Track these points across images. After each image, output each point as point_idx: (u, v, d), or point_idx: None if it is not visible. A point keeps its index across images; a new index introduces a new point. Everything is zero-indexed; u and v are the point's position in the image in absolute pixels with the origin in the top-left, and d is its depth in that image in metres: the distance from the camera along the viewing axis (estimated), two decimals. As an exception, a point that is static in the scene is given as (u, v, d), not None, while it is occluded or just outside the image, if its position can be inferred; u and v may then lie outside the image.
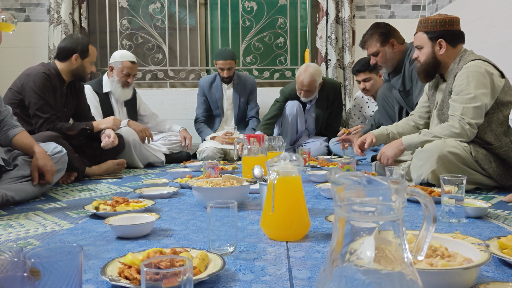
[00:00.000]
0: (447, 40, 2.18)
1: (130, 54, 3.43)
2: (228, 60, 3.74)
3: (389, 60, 2.87)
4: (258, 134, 2.67)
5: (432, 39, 2.20)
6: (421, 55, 2.24)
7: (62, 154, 2.21)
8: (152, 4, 4.47)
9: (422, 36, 2.23)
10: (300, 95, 3.63)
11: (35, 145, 2.05)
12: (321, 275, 0.56)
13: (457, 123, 2.05)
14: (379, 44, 2.85)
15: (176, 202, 1.85)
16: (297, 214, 1.25)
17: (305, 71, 3.53)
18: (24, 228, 1.46)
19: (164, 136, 3.64)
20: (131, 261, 0.94)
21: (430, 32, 2.20)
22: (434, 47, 2.20)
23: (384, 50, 2.85)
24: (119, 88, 3.36)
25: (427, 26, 2.21)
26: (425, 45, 2.22)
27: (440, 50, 2.19)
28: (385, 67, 2.92)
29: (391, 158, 2.24)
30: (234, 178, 1.79)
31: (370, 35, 2.89)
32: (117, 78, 3.35)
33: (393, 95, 3.01)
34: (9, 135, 2.05)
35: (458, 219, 1.43)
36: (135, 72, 3.41)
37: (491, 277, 0.95)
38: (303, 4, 4.55)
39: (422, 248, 0.60)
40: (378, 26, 2.89)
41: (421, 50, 2.24)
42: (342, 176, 0.55)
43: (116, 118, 2.94)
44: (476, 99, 2.03)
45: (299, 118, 3.75)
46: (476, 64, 2.07)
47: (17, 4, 4.33)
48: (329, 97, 3.75)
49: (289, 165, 1.25)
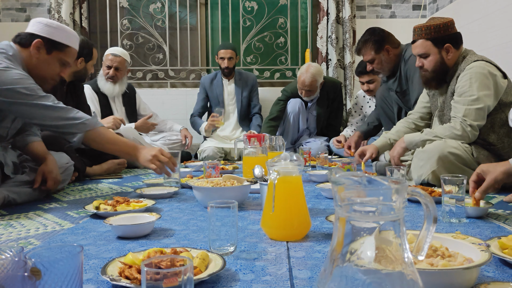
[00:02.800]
0: (453, 43, 2.13)
1: (116, 48, 3.45)
2: (229, 49, 3.78)
3: (386, 66, 2.86)
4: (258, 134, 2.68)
5: (438, 45, 2.13)
6: (428, 63, 2.16)
7: (68, 165, 2.20)
8: (153, 4, 4.47)
9: (425, 43, 2.14)
10: (301, 94, 3.65)
11: (48, 154, 2.02)
12: (322, 275, 0.56)
13: (459, 124, 2.04)
14: (374, 52, 2.82)
15: (177, 202, 1.85)
16: (297, 214, 1.25)
17: (306, 71, 3.54)
18: (24, 227, 1.46)
19: (164, 135, 3.64)
20: (132, 261, 0.94)
21: (434, 39, 2.12)
22: (441, 53, 2.14)
23: (380, 57, 2.83)
24: (103, 82, 3.38)
25: (430, 32, 2.12)
26: (432, 52, 2.14)
27: (448, 54, 2.14)
28: (383, 72, 2.92)
29: (396, 157, 2.23)
30: (235, 178, 1.79)
31: (364, 42, 2.85)
32: (102, 73, 3.39)
33: (391, 96, 3.01)
34: (27, 140, 2.02)
35: (458, 219, 1.43)
36: (118, 65, 3.36)
37: (492, 277, 0.95)
38: (304, 4, 4.55)
39: (422, 248, 0.60)
40: (372, 34, 2.85)
41: (427, 58, 2.16)
42: (342, 176, 0.55)
43: (116, 117, 2.94)
44: (479, 100, 2.01)
45: (301, 116, 3.76)
46: (479, 65, 2.05)
47: (17, 4, 4.34)
48: (330, 95, 3.76)
49: (290, 165, 1.25)
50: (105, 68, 3.36)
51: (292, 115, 3.73)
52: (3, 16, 4.33)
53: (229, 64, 3.79)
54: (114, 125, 2.87)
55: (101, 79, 3.39)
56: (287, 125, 3.78)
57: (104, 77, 3.37)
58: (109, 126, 2.85)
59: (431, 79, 2.20)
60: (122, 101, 3.52)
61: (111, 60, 3.34)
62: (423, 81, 2.25)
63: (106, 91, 3.38)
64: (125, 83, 3.47)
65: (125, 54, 3.42)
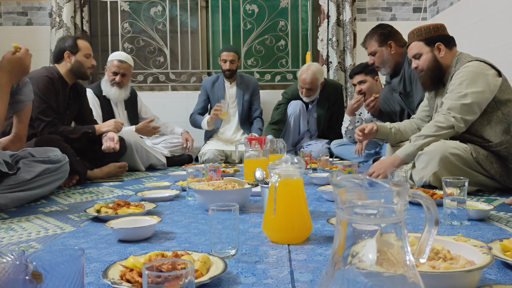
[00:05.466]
0: (444, 43, 2.20)
1: (121, 54, 3.43)
2: (231, 52, 3.80)
3: (386, 62, 2.90)
4: (259, 137, 2.67)
5: (430, 44, 2.21)
6: (422, 62, 2.24)
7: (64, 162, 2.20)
8: (154, 7, 4.49)
9: (418, 44, 2.24)
10: (302, 94, 3.65)
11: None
12: (323, 278, 0.56)
13: (442, 117, 2.08)
14: (377, 44, 2.90)
15: (178, 205, 1.85)
16: (298, 216, 1.25)
17: (307, 69, 3.57)
18: (26, 231, 1.46)
19: (165, 138, 3.64)
20: (133, 264, 0.94)
21: (426, 39, 2.21)
22: (433, 51, 2.21)
23: (382, 50, 2.89)
24: (109, 87, 3.37)
25: (421, 34, 2.23)
26: (424, 52, 2.22)
27: (440, 53, 2.20)
28: (383, 68, 2.94)
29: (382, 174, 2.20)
30: (236, 181, 1.79)
31: (371, 34, 2.94)
32: (107, 78, 3.38)
33: (394, 98, 3.02)
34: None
35: (460, 222, 1.43)
36: (124, 71, 3.35)
37: (494, 279, 0.95)
38: (304, 7, 4.56)
39: (424, 250, 0.60)
40: (379, 27, 2.94)
41: (420, 58, 2.24)
42: (343, 178, 0.55)
43: (118, 120, 2.93)
44: (466, 97, 2.05)
45: (302, 118, 3.76)
46: (472, 65, 2.10)
47: (19, 8, 4.35)
48: (330, 98, 3.77)
49: (291, 167, 1.25)
50: (110, 74, 3.34)
51: (293, 117, 3.73)
52: (5, 20, 4.34)
53: (231, 67, 3.80)
54: (116, 129, 2.87)
55: (105, 84, 3.38)
56: (288, 128, 3.78)
57: (110, 83, 3.36)
58: (110, 129, 2.84)
59: (427, 78, 2.25)
60: (125, 105, 3.52)
61: (118, 67, 3.33)
62: (421, 82, 2.30)
63: (111, 96, 3.37)
64: (129, 88, 3.48)
65: (130, 60, 3.43)
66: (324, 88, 3.72)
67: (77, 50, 2.74)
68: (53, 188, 2.13)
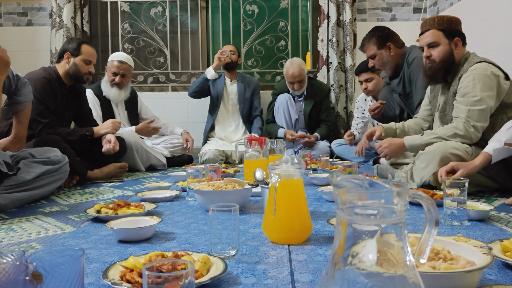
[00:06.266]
0: (462, 39, 2.16)
1: (122, 54, 3.43)
2: (231, 45, 3.96)
3: (386, 64, 2.90)
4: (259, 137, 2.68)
5: (450, 37, 2.14)
6: (437, 53, 2.15)
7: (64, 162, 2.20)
8: (154, 8, 4.49)
9: (437, 33, 2.15)
10: (294, 88, 3.76)
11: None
12: (323, 279, 0.56)
13: (462, 125, 2.05)
14: (376, 47, 2.90)
15: (178, 206, 1.85)
16: (299, 217, 1.25)
17: (291, 64, 3.72)
18: (26, 231, 1.46)
19: (165, 139, 3.64)
20: (133, 264, 0.94)
21: (447, 30, 2.14)
22: (451, 45, 2.15)
23: (381, 53, 2.88)
24: (109, 88, 3.37)
25: (443, 23, 2.14)
26: (442, 43, 2.15)
27: (456, 48, 2.15)
28: (384, 70, 2.94)
29: (390, 156, 2.22)
30: (236, 181, 1.79)
31: (369, 38, 2.93)
32: (107, 78, 3.38)
33: (394, 99, 3.02)
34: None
35: (460, 222, 1.42)
36: (124, 72, 3.35)
37: (494, 280, 0.95)
38: (304, 8, 4.56)
39: (424, 251, 0.60)
40: (376, 30, 2.93)
41: (436, 48, 2.15)
42: (344, 179, 0.55)
43: (115, 120, 2.91)
44: (482, 101, 2.02)
45: (290, 107, 3.85)
46: (482, 67, 2.06)
47: (19, 9, 4.35)
48: (317, 95, 3.88)
49: (291, 168, 1.25)
50: (110, 75, 3.35)
51: (282, 108, 3.83)
52: (5, 21, 4.34)
53: (232, 58, 3.87)
54: (114, 129, 2.86)
55: (105, 84, 3.38)
56: (279, 119, 3.86)
57: (110, 83, 3.36)
58: (108, 130, 2.83)
59: (438, 70, 2.17)
60: (125, 105, 3.52)
61: (118, 67, 3.33)
62: (428, 74, 2.21)
63: (111, 96, 3.38)
64: (129, 89, 3.48)
65: (131, 61, 3.43)
66: (312, 86, 3.86)
67: (78, 53, 2.73)
68: (53, 189, 2.13)
